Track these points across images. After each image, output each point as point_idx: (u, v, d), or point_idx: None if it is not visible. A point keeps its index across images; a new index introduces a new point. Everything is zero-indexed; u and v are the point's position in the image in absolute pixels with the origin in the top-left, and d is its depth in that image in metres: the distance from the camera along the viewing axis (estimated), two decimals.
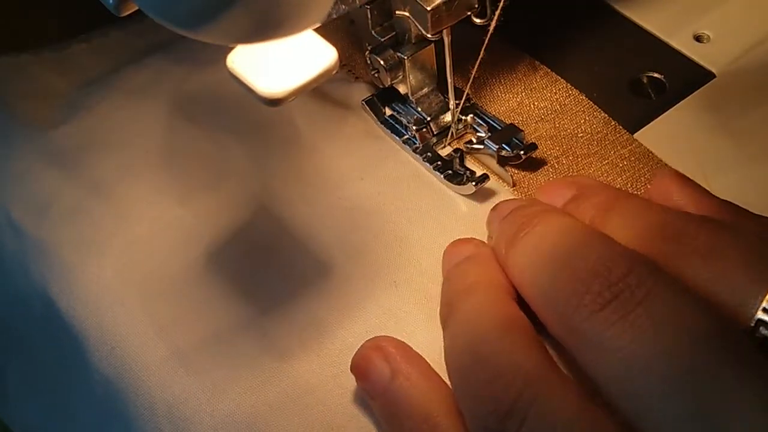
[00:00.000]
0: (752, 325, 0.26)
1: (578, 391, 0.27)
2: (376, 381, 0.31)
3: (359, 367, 0.32)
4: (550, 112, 0.41)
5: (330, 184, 0.39)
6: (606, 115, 0.40)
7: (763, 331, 0.26)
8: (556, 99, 0.41)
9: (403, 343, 0.32)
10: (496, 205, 0.35)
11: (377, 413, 0.31)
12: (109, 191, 0.41)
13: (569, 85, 0.41)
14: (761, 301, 0.26)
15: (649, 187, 0.37)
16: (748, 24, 0.43)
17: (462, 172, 0.38)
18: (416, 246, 0.37)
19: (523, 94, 0.41)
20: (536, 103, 0.41)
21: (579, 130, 0.40)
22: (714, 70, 0.41)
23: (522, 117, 0.41)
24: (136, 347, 0.36)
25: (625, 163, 0.38)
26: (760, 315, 0.26)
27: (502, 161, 0.39)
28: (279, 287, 0.36)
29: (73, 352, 0.38)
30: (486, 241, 0.35)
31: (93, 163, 0.42)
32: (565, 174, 0.38)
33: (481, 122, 0.40)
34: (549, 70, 0.42)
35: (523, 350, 0.28)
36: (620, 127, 0.40)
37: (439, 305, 0.34)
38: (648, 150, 0.39)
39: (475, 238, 0.35)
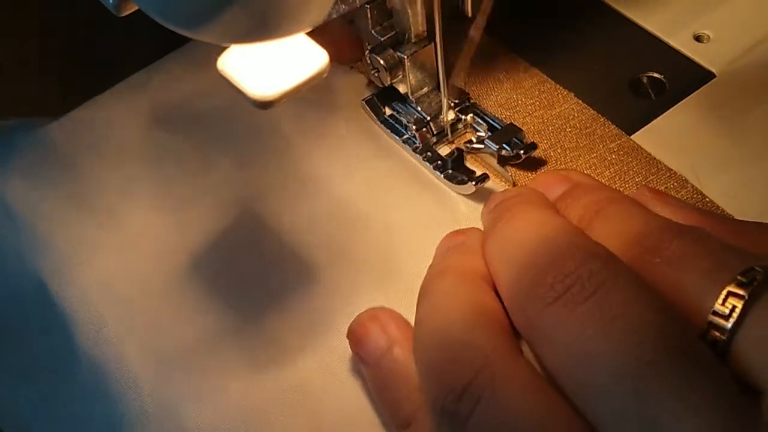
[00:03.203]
0: (704, 328, 0.26)
1: (537, 377, 0.26)
2: (373, 349, 0.31)
3: (356, 334, 0.32)
4: (538, 107, 0.41)
5: (329, 183, 0.40)
6: (595, 112, 0.40)
7: (714, 333, 0.25)
8: (545, 96, 0.41)
9: (401, 315, 0.32)
10: (490, 196, 0.35)
11: (368, 380, 0.31)
12: (98, 192, 0.41)
13: (557, 85, 0.42)
14: (713, 304, 0.26)
15: (637, 180, 0.37)
16: (748, 24, 0.43)
17: (462, 172, 0.38)
18: (415, 246, 0.37)
19: (512, 90, 0.42)
20: (524, 100, 0.41)
21: (567, 125, 0.40)
22: (714, 70, 0.41)
23: (510, 112, 0.41)
24: (129, 339, 0.36)
25: (614, 156, 0.38)
26: (711, 318, 0.26)
27: (502, 161, 0.39)
28: (277, 287, 0.36)
29: (63, 335, 0.38)
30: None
31: (85, 164, 0.42)
32: (554, 166, 0.38)
33: (480, 121, 0.40)
34: (538, 71, 0.42)
35: (485, 333, 0.27)
36: (609, 122, 0.40)
37: None
38: (636, 144, 0.39)
39: (471, 229, 0.35)
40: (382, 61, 0.38)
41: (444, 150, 0.40)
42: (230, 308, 0.36)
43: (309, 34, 0.30)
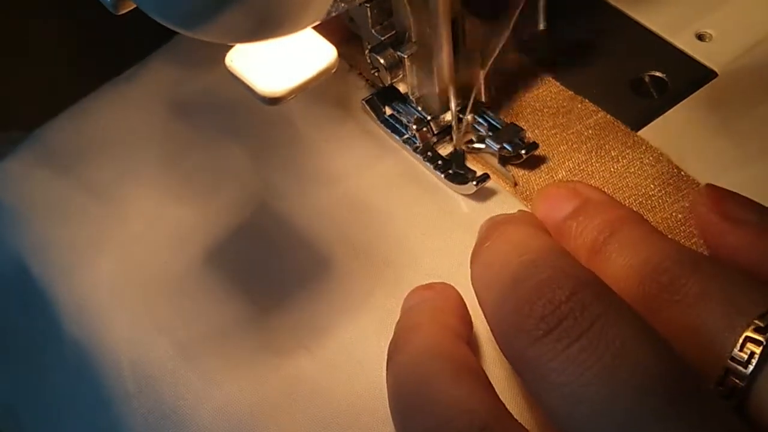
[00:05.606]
0: (722, 374, 0.25)
1: None
2: None
3: None
4: (516, 90, 0.41)
5: (329, 184, 0.39)
6: (572, 93, 0.41)
7: (732, 379, 0.24)
8: (523, 78, 0.41)
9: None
10: (486, 220, 0.34)
11: None
12: (98, 185, 0.41)
13: (537, 67, 0.42)
14: (731, 349, 0.24)
15: (613, 155, 0.37)
16: (751, 22, 0.43)
17: (463, 172, 0.38)
18: (416, 246, 0.37)
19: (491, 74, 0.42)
20: (504, 85, 0.41)
21: (544, 106, 0.40)
22: (716, 69, 0.41)
23: (494, 100, 0.41)
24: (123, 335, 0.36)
25: (590, 132, 0.39)
26: (729, 364, 0.24)
27: (503, 161, 0.38)
28: (278, 284, 0.36)
29: (44, 316, 0.38)
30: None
31: (88, 160, 0.42)
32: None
33: (481, 121, 0.40)
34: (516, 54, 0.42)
35: (475, 394, 0.26)
36: (586, 101, 0.40)
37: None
38: (613, 119, 0.39)
39: (441, 283, 0.33)
40: (382, 61, 0.38)
41: (444, 150, 0.40)
42: (241, 300, 0.36)
43: None
